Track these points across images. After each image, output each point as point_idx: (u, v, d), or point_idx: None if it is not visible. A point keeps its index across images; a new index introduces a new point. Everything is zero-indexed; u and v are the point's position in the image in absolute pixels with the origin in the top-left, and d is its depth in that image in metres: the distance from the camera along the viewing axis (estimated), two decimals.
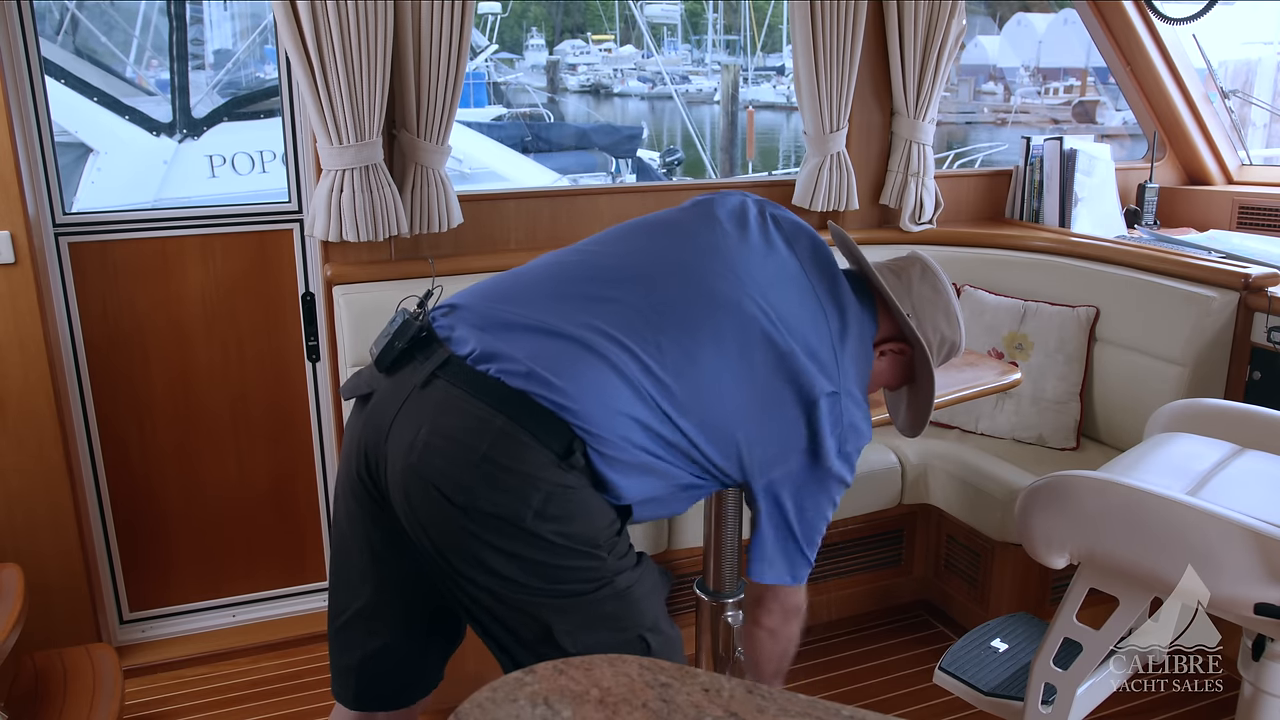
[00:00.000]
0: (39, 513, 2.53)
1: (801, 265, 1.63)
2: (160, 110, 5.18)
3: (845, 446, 1.59)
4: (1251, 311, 2.57)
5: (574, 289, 1.52)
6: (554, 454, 1.38)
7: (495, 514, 1.38)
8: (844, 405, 1.57)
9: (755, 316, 1.52)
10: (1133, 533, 1.67)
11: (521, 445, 1.37)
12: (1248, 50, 6.44)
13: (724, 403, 1.49)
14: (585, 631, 1.46)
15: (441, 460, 1.39)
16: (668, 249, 1.60)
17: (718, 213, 1.66)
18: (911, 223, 3.29)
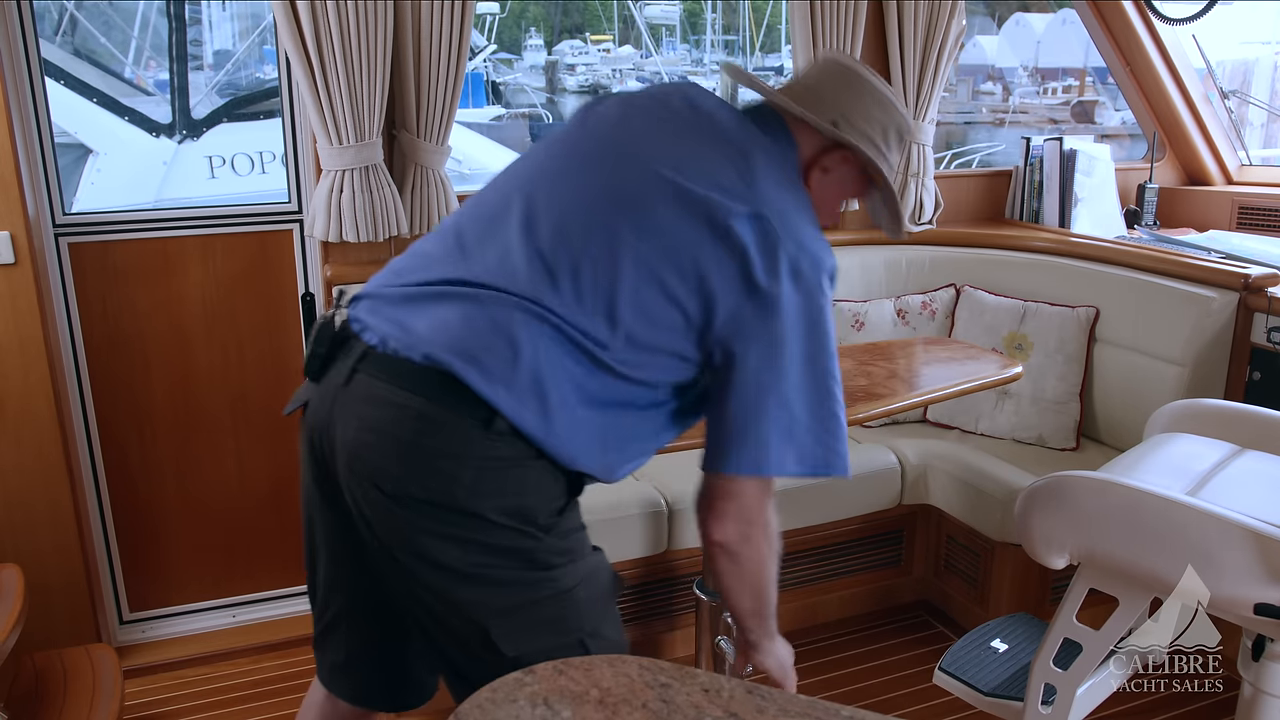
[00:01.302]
0: (39, 513, 2.53)
1: (689, 117, 1.49)
2: (160, 111, 5.17)
3: (798, 265, 1.37)
4: (1251, 312, 2.57)
5: (474, 237, 1.43)
6: (477, 424, 1.32)
7: (429, 499, 1.33)
8: (771, 226, 1.37)
9: (661, 182, 1.40)
10: (1133, 533, 1.67)
11: (441, 424, 1.32)
12: (1245, 50, 6.44)
13: (653, 307, 1.37)
14: (523, 634, 1.40)
15: (372, 455, 1.35)
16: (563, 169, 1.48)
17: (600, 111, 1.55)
18: (911, 223, 3.29)
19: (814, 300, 1.38)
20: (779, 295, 1.35)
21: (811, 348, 1.37)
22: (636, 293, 1.35)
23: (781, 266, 1.36)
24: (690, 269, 1.35)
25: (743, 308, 1.35)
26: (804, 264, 1.37)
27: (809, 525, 2.74)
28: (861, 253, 3.26)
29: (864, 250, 3.27)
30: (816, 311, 1.37)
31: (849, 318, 3.12)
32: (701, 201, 1.37)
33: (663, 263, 1.35)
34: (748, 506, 1.41)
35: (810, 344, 1.37)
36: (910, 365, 2.32)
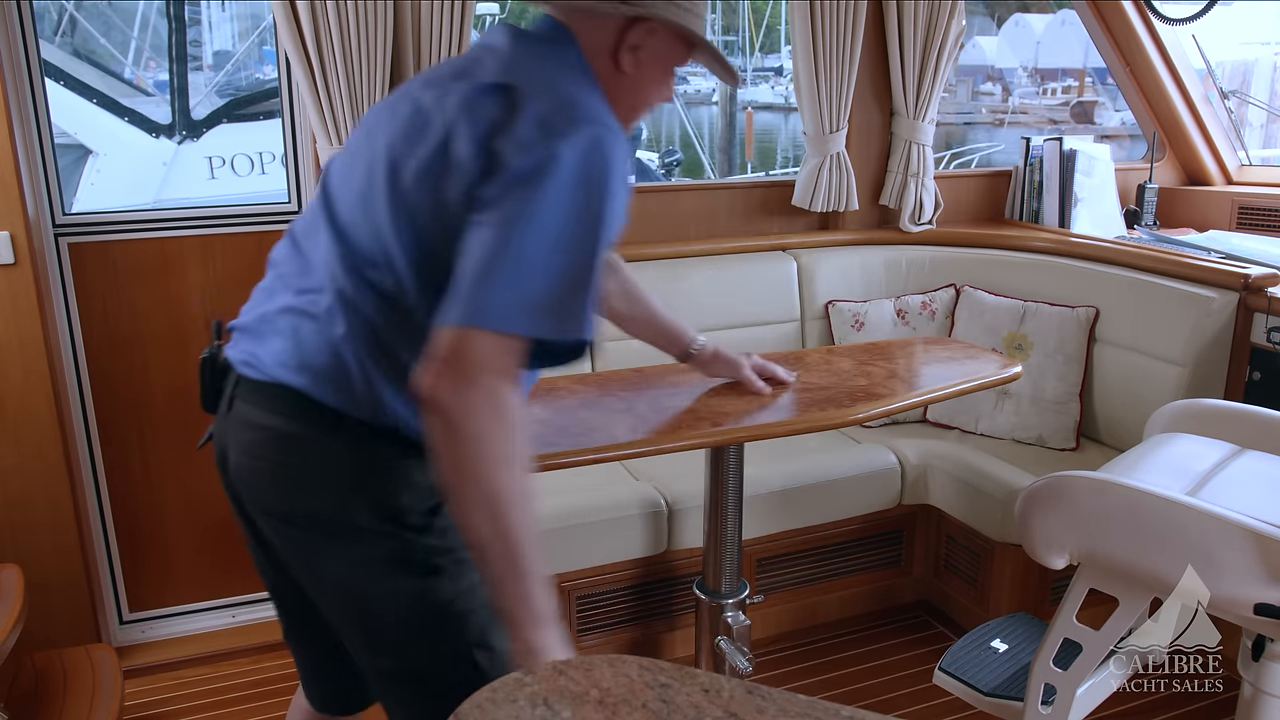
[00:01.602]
0: (39, 513, 2.53)
1: (446, 68, 1.42)
2: (159, 111, 5.17)
3: (552, 123, 1.25)
4: (1251, 312, 2.57)
5: (302, 234, 1.44)
6: (331, 434, 1.32)
7: (306, 514, 1.35)
8: (518, 93, 1.28)
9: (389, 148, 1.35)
10: (1133, 533, 1.67)
11: (300, 438, 1.33)
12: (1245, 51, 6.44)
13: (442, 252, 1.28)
14: (409, 645, 1.38)
15: (253, 479, 1.40)
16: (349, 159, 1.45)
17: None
18: (911, 223, 3.29)
19: (573, 159, 1.24)
20: (530, 157, 1.23)
21: (566, 209, 1.23)
22: (418, 247, 1.31)
23: (530, 127, 1.25)
24: (448, 198, 1.28)
25: (499, 184, 1.24)
26: (560, 121, 1.26)
27: (809, 525, 2.74)
28: (861, 253, 3.26)
29: (864, 250, 3.27)
30: (575, 171, 1.24)
31: (849, 318, 3.12)
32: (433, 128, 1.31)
33: (426, 210, 1.30)
34: (468, 362, 1.18)
35: (566, 205, 1.23)
36: (910, 365, 2.32)
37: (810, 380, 2.13)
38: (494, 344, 1.18)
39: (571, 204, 1.23)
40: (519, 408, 1.22)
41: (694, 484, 2.44)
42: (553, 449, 1.73)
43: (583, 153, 1.25)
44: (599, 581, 2.55)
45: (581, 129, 1.25)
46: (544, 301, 1.21)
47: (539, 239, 1.21)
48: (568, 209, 1.23)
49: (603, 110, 1.32)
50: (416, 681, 1.40)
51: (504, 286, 1.19)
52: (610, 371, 2.26)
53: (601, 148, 1.26)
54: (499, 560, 1.19)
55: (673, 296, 3.03)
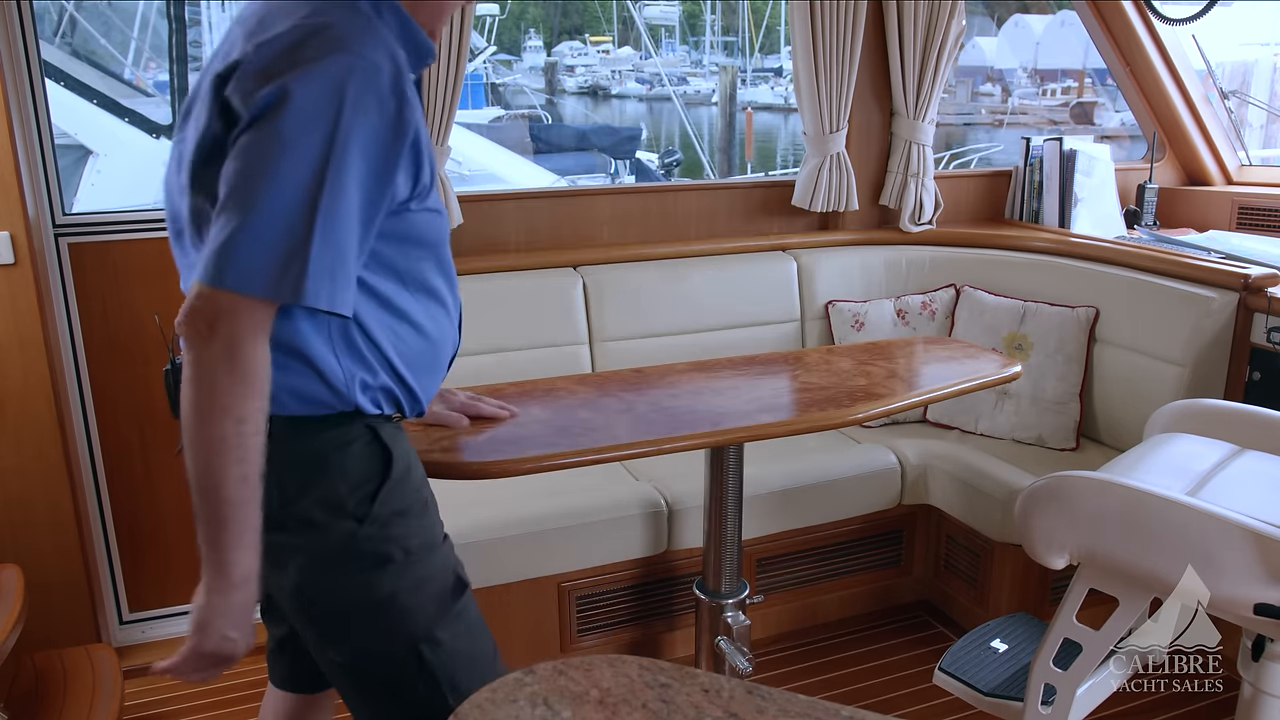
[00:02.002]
0: (39, 513, 2.53)
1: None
2: (159, 112, 5.18)
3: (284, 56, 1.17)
4: (1251, 312, 2.57)
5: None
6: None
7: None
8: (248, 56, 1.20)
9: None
10: (1133, 533, 1.67)
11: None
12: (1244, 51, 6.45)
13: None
14: (353, 639, 1.37)
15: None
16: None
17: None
18: (911, 223, 3.29)
19: (304, 96, 1.14)
20: (255, 101, 1.15)
21: (299, 156, 1.14)
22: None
23: (261, 67, 1.17)
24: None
25: (234, 136, 1.18)
26: (296, 55, 1.16)
27: (809, 525, 2.74)
28: (861, 253, 3.27)
29: (864, 250, 3.28)
30: (307, 110, 1.14)
31: (849, 318, 3.12)
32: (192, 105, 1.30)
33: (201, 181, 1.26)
34: (208, 316, 1.15)
35: (298, 151, 1.14)
36: (910, 365, 2.32)
37: (810, 380, 2.13)
38: (231, 302, 1.15)
39: (305, 150, 1.14)
40: (256, 364, 1.18)
41: (694, 484, 2.44)
42: (553, 449, 1.73)
43: (322, 87, 1.15)
44: (599, 581, 2.55)
45: (321, 60, 1.15)
46: (280, 262, 1.14)
47: (272, 193, 1.14)
48: (300, 156, 1.14)
49: (363, 38, 1.19)
50: (363, 674, 1.39)
51: (239, 244, 1.13)
52: (610, 372, 2.26)
53: (345, 81, 1.15)
54: (204, 510, 1.20)
55: (673, 297, 3.04)
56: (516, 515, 2.42)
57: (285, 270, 1.14)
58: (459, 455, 1.75)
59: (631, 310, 2.99)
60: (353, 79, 1.15)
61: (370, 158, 1.18)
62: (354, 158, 1.16)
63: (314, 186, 1.14)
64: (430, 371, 1.46)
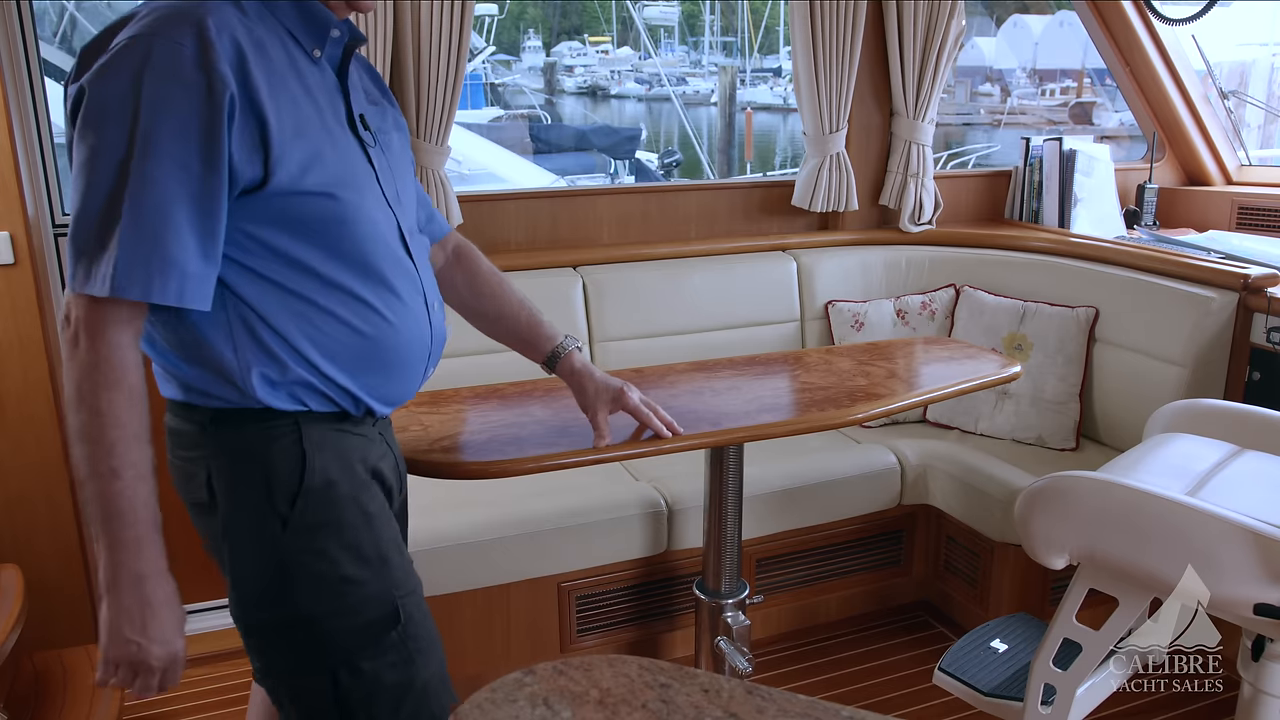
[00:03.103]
0: (38, 513, 2.53)
1: None
2: None
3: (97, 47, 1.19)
4: (1251, 312, 2.57)
5: None
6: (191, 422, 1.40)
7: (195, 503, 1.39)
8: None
9: None
10: (1132, 533, 1.67)
11: (174, 431, 1.46)
12: (1243, 51, 6.46)
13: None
14: (269, 652, 1.34)
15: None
16: None
17: None
18: (911, 223, 3.29)
19: (100, 87, 1.13)
20: (70, 98, 1.18)
21: (97, 151, 1.14)
22: None
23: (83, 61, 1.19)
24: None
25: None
26: (105, 42, 1.17)
27: (809, 525, 2.74)
28: (861, 253, 3.27)
29: (864, 250, 3.28)
30: (99, 99, 1.13)
31: (849, 318, 3.12)
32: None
33: None
34: (70, 318, 1.19)
35: (97, 146, 1.14)
36: (910, 365, 2.32)
37: (810, 380, 2.13)
38: (71, 302, 1.18)
39: (105, 146, 1.13)
40: (101, 358, 1.23)
41: (694, 484, 2.44)
42: (553, 449, 1.73)
43: (116, 78, 1.13)
44: (599, 581, 2.55)
45: (118, 50, 1.14)
46: (95, 259, 1.14)
47: (84, 194, 1.14)
48: (102, 152, 1.13)
49: (169, 18, 1.15)
50: (276, 687, 1.35)
51: (68, 248, 1.17)
52: (610, 372, 2.26)
53: (140, 67, 1.13)
54: (92, 504, 1.25)
55: (673, 297, 3.04)
56: (516, 515, 2.42)
57: (97, 266, 1.14)
58: (459, 455, 1.75)
59: (631, 310, 2.99)
60: (148, 64, 1.12)
61: (187, 140, 1.14)
62: (163, 144, 1.13)
63: (118, 180, 1.13)
64: (377, 370, 1.35)
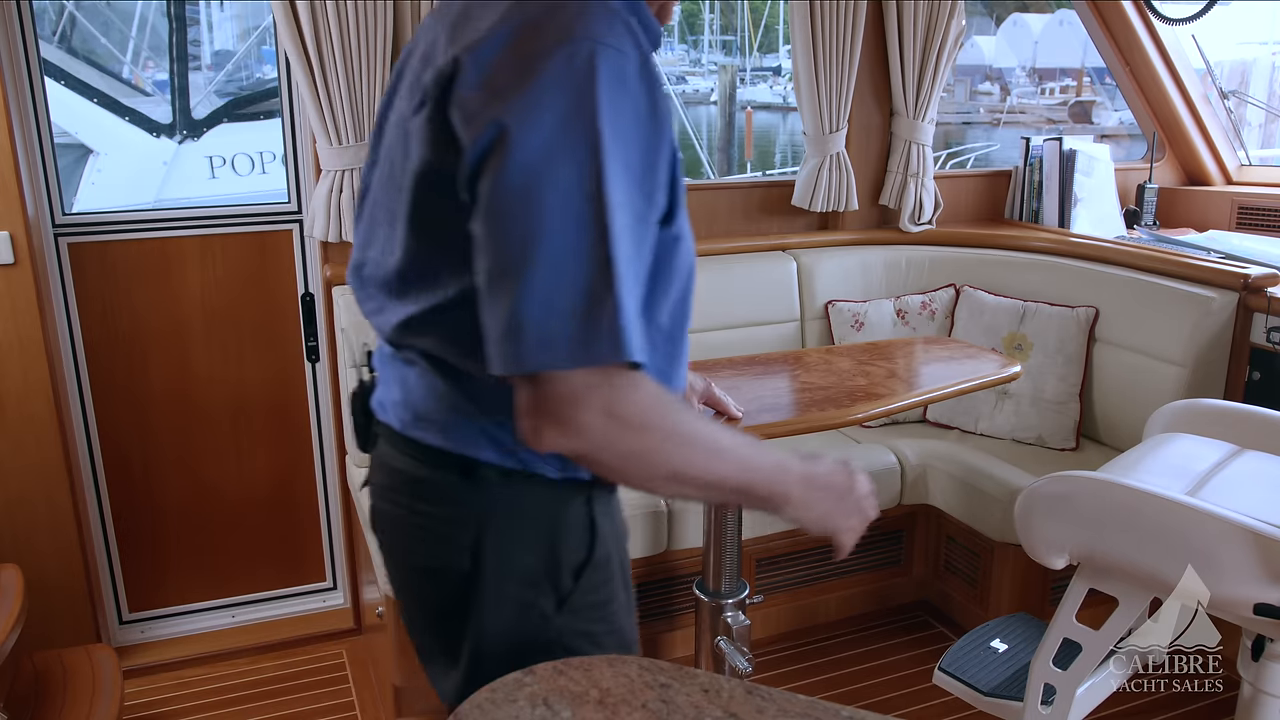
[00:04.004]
0: (38, 513, 2.53)
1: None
2: (160, 111, 5.17)
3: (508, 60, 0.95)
4: (1251, 312, 2.57)
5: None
6: (459, 474, 1.14)
7: (438, 568, 1.20)
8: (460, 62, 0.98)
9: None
10: (1132, 533, 1.67)
11: (434, 483, 1.18)
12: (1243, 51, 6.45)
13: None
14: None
15: (389, 526, 1.26)
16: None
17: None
18: (911, 223, 3.29)
19: (543, 125, 0.92)
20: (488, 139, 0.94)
21: (552, 192, 0.92)
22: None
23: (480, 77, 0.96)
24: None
25: (469, 175, 0.98)
26: (522, 56, 0.94)
27: None
28: (861, 253, 3.26)
29: (864, 250, 3.27)
30: (549, 131, 0.92)
31: (849, 318, 3.12)
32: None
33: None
34: (542, 410, 0.96)
35: (550, 186, 0.92)
36: (909, 365, 2.32)
37: (810, 380, 2.13)
38: (551, 386, 0.95)
39: (562, 180, 0.92)
40: (638, 406, 0.97)
41: None
42: None
43: (559, 98, 0.92)
44: None
45: (551, 60, 0.93)
46: (585, 322, 0.93)
47: (542, 244, 0.92)
48: (559, 189, 0.92)
49: (597, 16, 0.96)
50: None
51: (526, 319, 0.93)
52: None
53: (586, 81, 0.93)
54: (736, 499, 1.21)
55: None
56: None
57: (593, 328, 0.92)
58: None
59: None
60: (597, 76, 0.93)
61: (633, 168, 0.95)
62: (617, 173, 0.93)
63: (589, 220, 0.92)
64: None
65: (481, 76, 0.96)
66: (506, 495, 1.13)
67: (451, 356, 1.09)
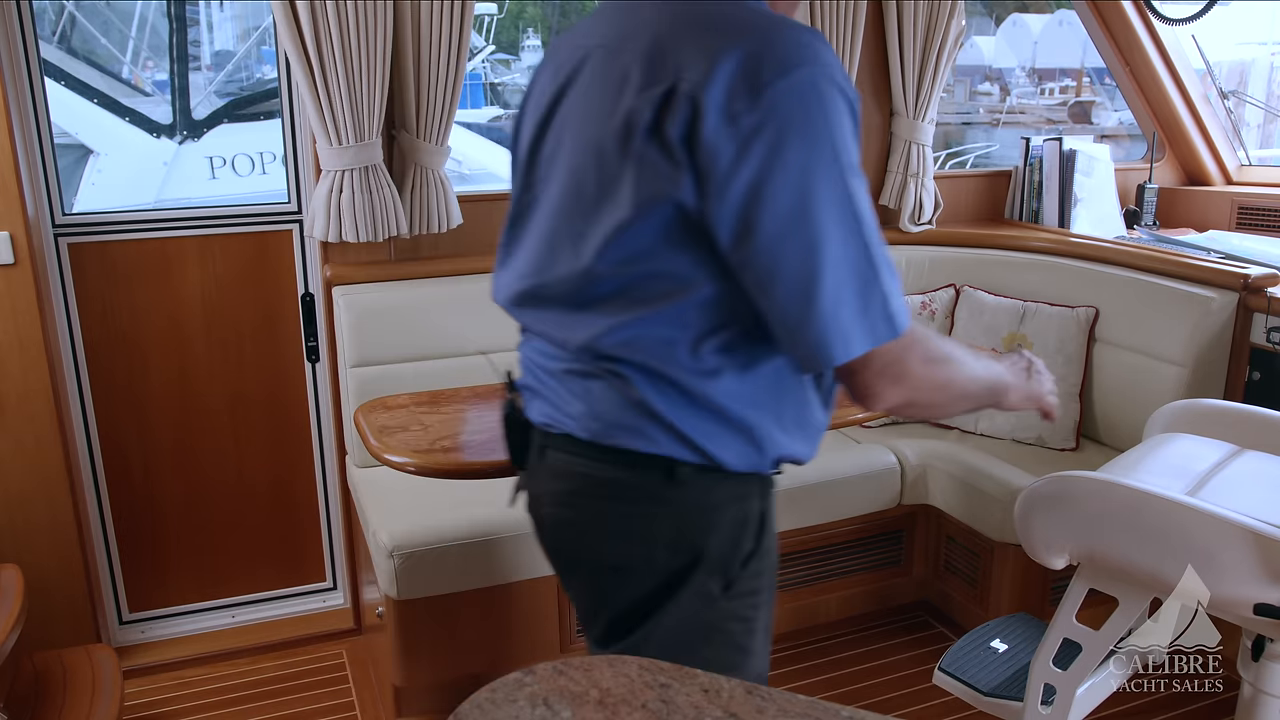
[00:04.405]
0: (38, 514, 2.53)
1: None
2: (160, 112, 5.17)
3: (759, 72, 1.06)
4: (1251, 312, 2.57)
5: None
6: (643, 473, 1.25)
7: (620, 564, 1.31)
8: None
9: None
10: (1132, 533, 1.67)
11: (618, 482, 1.28)
12: (1242, 51, 6.45)
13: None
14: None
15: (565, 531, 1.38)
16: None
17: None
18: (911, 223, 3.29)
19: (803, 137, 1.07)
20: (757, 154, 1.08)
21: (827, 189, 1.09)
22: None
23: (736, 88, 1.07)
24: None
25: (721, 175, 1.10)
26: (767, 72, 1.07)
27: (809, 525, 2.74)
28: None
29: None
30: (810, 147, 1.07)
31: None
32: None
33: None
34: (883, 375, 1.16)
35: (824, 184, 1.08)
36: None
37: None
38: (861, 367, 1.15)
39: (828, 182, 1.08)
40: (931, 347, 1.21)
41: None
42: None
43: (812, 113, 1.07)
44: None
45: (796, 75, 1.06)
46: (872, 304, 1.12)
47: (822, 244, 1.08)
48: (828, 191, 1.08)
49: (813, 42, 1.09)
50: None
51: (827, 315, 1.10)
52: None
53: (824, 96, 1.07)
54: (988, 399, 1.33)
55: None
56: (516, 515, 2.41)
57: (892, 305, 1.12)
58: (459, 455, 1.75)
59: None
60: (824, 98, 1.07)
61: (855, 170, 1.11)
62: (853, 177, 1.10)
63: (850, 217, 1.09)
64: (811, 434, 1.37)
65: (723, 108, 1.06)
66: (701, 491, 1.23)
67: (654, 362, 1.18)
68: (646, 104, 1.10)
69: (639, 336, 1.18)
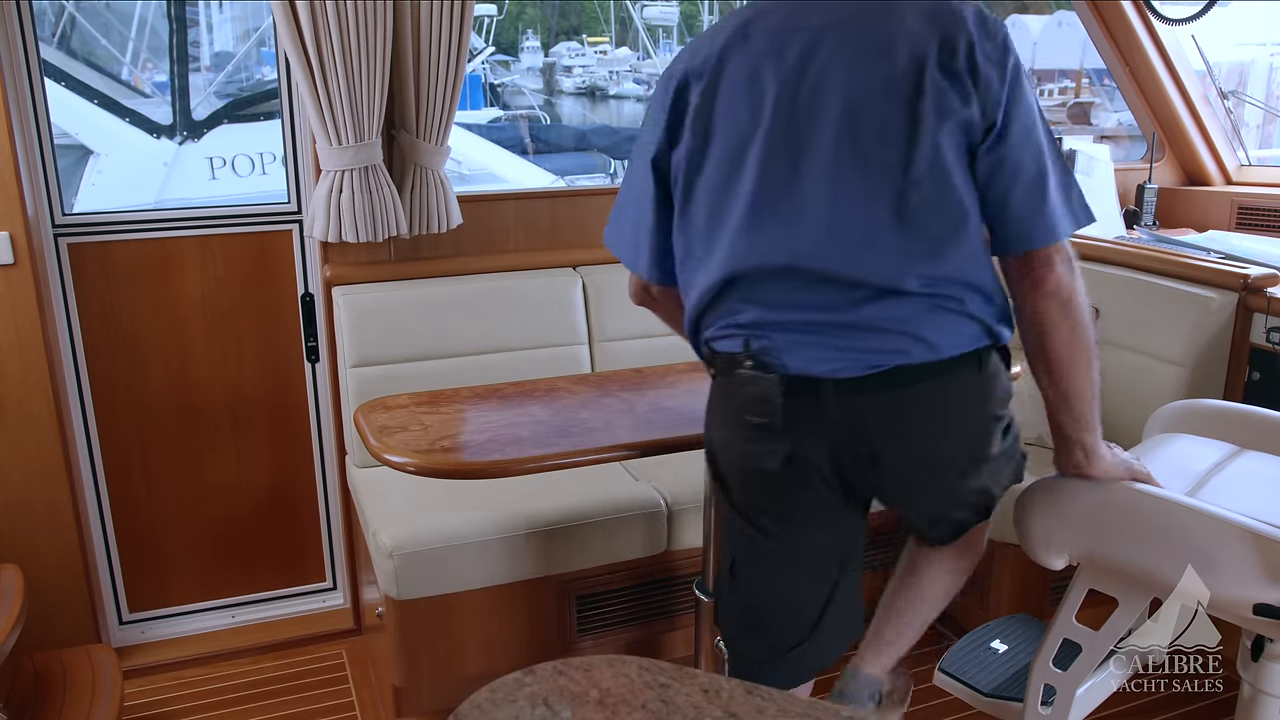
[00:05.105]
0: (38, 514, 2.53)
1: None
2: (160, 112, 5.18)
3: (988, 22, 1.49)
4: (1250, 312, 2.57)
5: None
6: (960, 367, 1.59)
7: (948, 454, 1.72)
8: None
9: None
10: (1132, 533, 1.67)
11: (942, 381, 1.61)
12: (1241, 51, 6.45)
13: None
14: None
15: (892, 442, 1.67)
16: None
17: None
18: None
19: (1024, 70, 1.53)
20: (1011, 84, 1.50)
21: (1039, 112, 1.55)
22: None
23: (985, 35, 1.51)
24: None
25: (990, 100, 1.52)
26: (991, 22, 1.51)
27: None
28: None
29: None
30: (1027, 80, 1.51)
31: None
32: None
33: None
34: (1071, 258, 1.53)
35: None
36: None
37: None
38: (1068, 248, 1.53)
39: (1038, 118, 1.50)
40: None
41: (694, 484, 2.44)
42: (552, 449, 1.74)
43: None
44: (599, 581, 2.55)
45: (1005, 33, 1.48)
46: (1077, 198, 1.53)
47: (1052, 149, 1.50)
48: (1039, 124, 1.50)
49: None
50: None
51: (1061, 197, 1.49)
52: (610, 372, 2.27)
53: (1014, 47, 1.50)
54: (1090, 402, 1.59)
55: None
56: (516, 515, 2.42)
57: (1073, 198, 1.52)
58: (459, 455, 1.76)
59: (631, 310, 2.97)
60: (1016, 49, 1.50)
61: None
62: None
63: (1050, 134, 1.51)
64: None
65: (982, 49, 1.44)
66: (995, 366, 1.58)
67: (961, 273, 1.48)
68: (929, 46, 1.43)
69: (957, 252, 1.50)
